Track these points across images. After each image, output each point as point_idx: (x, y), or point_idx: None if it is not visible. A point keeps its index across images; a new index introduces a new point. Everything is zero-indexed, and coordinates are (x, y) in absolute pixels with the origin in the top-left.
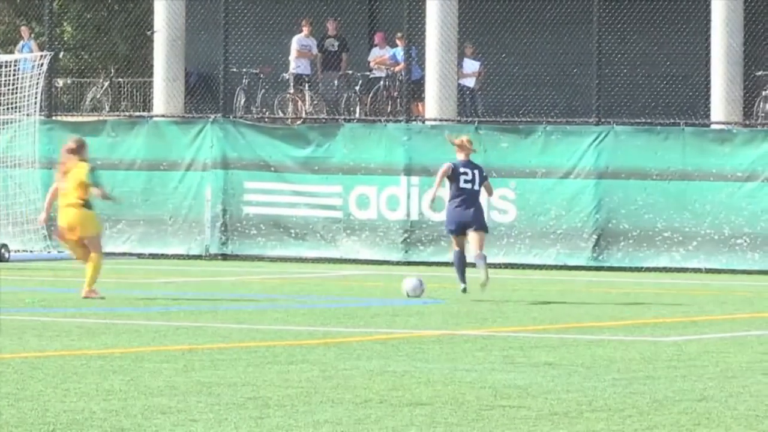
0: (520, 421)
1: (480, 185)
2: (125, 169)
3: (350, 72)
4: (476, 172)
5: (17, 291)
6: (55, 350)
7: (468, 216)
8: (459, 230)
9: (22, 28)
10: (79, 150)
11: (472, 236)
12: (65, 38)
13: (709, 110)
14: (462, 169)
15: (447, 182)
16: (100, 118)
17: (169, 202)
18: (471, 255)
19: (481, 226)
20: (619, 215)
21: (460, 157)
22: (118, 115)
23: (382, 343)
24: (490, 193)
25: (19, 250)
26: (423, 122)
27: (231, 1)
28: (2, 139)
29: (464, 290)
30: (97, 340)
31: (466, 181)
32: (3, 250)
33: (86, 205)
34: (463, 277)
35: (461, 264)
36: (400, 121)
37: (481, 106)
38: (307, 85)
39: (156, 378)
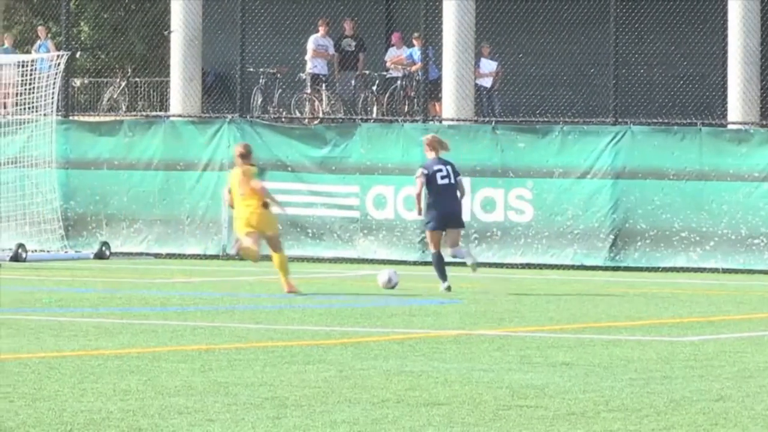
0: (537, 421)
1: (455, 178)
2: (142, 169)
3: (367, 72)
4: (449, 168)
5: (34, 291)
6: (72, 350)
7: (451, 212)
8: (442, 227)
9: (39, 28)
10: (249, 154)
11: (451, 233)
12: (82, 38)
13: (725, 110)
14: (436, 167)
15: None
16: (117, 118)
17: (186, 202)
18: (448, 251)
19: (461, 224)
20: (636, 215)
21: (431, 155)
22: (135, 115)
23: (399, 343)
24: (462, 192)
25: (36, 250)
26: (440, 122)
27: (248, 1)
28: (19, 139)
29: (448, 288)
30: (115, 340)
31: (442, 178)
32: (20, 250)
33: (265, 205)
34: (444, 276)
35: (442, 264)
36: (417, 121)
37: (499, 106)
38: (324, 85)
39: (173, 378)
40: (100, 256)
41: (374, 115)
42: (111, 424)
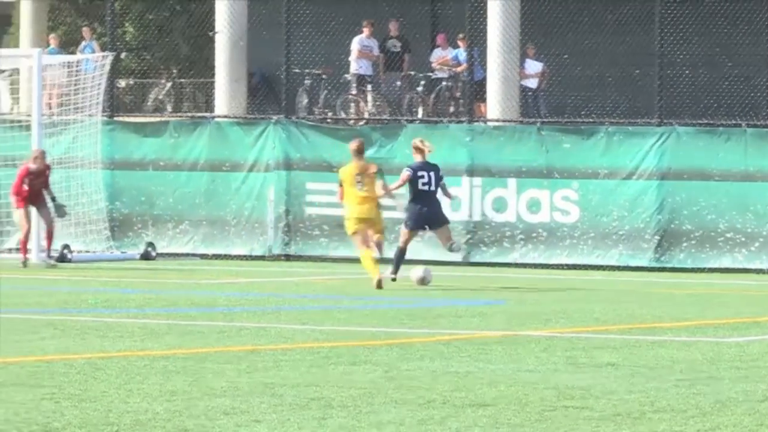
0: (582, 422)
1: (436, 186)
2: (188, 170)
3: (412, 73)
4: (432, 174)
5: (80, 292)
6: (118, 351)
7: (427, 215)
8: (417, 227)
9: (84, 28)
10: (363, 150)
11: (440, 232)
12: (127, 39)
13: None
14: (419, 173)
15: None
16: (163, 119)
17: (232, 202)
18: (445, 247)
19: (445, 221)
20: (681, 216)
21: (418, 158)
22: (180, 116)
23: (445, 344)
24: (448, 196)
25: (81, 251)
26: (485, 123)
27: (293, 2)
28: (64, 139)
29: (393, 279)
30: (161, 341)
31: (423, 184)
32: (66, 251)
33: (379, 204)
34: (397, 269)
35: (401, 258)
36: (462, 122)
37: (544, 107)
38: (369, 85)
39: (219, 379)
40: (146, 256)
41: (419, 116)
42: (157, 425)
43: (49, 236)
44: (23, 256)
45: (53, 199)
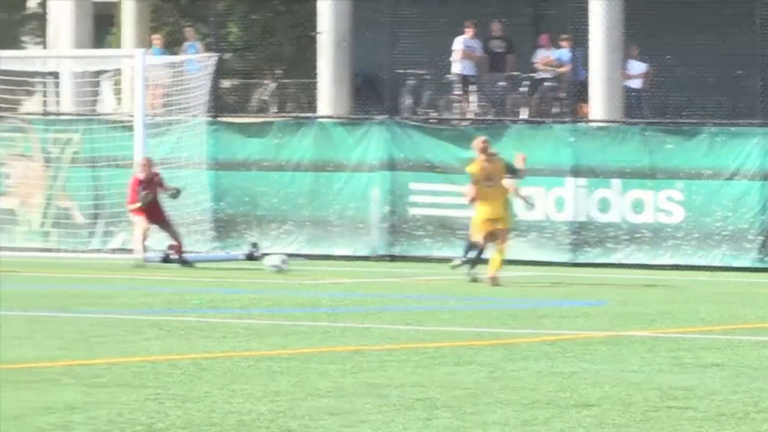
0: (686, 422)
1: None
2: (292, 170)
3: (516, 73)
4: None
5: (185, 292)
6: (222, 351)
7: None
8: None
9: (188, 29)
10: (489, 148)
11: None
12: (231, 39)
13: None
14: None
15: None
16: (267, 119)
17: (336, 203)
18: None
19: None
20: None
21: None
22: (284, 117)
23: (549, 344)
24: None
25: (186, 251)
26: (588, 124)
27: (397, 3)
28: (168, 140)
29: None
30: (265, 342)
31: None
32: (254, 249)
33: (508, 201)
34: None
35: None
36: (566, 122)
37: (647, 107)
38: (472, 86)
39: (323, 379)
40: (250, 257)
41: (524, 116)
42: (261, 426)
43: (178, 248)
44: (141, 254)
45: (171, 193)
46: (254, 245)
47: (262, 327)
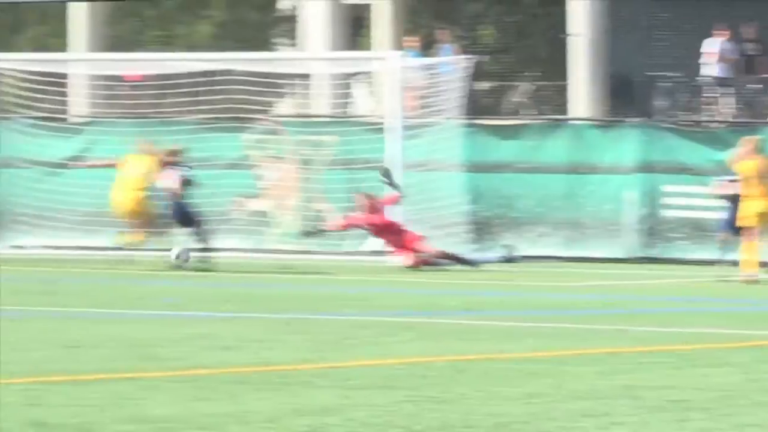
0: None
1: None
2: (546, 172)
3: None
4: None
5: (438, 294)
6: (477, 354)
7: None
8: None
9: (441, 31)
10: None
11: None
12: (484, 41)
13: None
14: None
15: None
16: (522, 121)
17: (590, 205)
18: None
19: None
20: None
21: None
22: (538, 119)
23: None
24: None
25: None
26: None
27: (652, 5)
28: (423, 142)
29: None
30: (521, 344)
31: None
32: (510, 250)
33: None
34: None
35: None
36: None
37: None
38: (728, 88)
39: (579, 381)
40: (508, 259)
41: None
42: (517, 428)
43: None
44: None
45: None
46: (511, 247)
47: (517, 329)
